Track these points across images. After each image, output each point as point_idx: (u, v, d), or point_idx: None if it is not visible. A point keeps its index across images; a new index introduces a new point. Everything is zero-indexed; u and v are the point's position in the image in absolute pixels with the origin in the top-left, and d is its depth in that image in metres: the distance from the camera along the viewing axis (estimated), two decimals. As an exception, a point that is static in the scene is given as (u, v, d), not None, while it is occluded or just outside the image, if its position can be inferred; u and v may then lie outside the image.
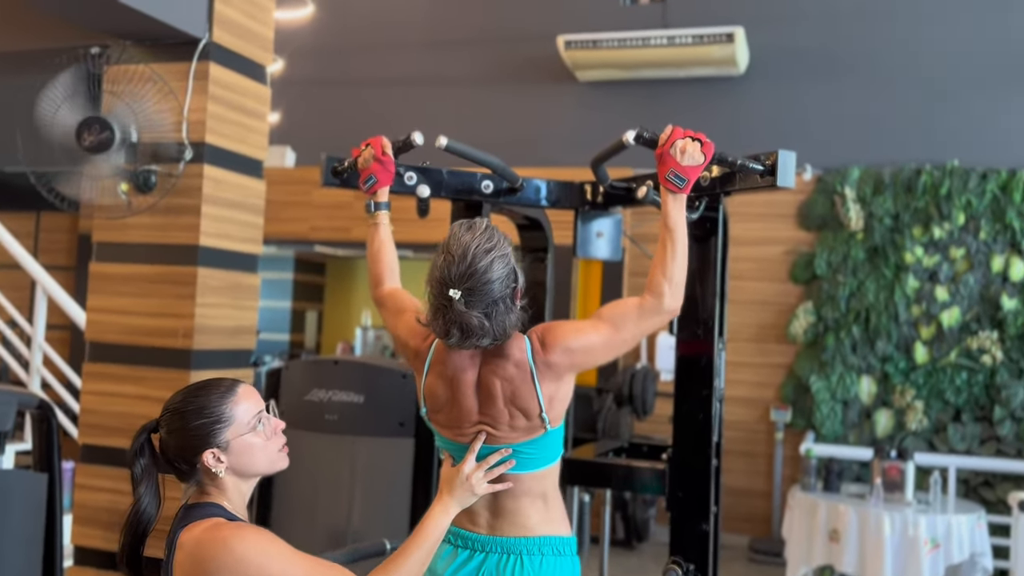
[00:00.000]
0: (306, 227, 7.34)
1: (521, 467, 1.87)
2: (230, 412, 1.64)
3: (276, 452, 1.70)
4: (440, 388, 1.90)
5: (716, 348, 2.37)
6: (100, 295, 3.25)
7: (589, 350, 1.84)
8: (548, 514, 1.90)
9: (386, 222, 2.13)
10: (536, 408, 1.82)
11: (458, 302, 1.73)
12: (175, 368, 3.10)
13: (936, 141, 6.37)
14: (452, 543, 1.93)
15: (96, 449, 3.19)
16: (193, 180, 3.13)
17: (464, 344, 1.78)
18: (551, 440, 1.89)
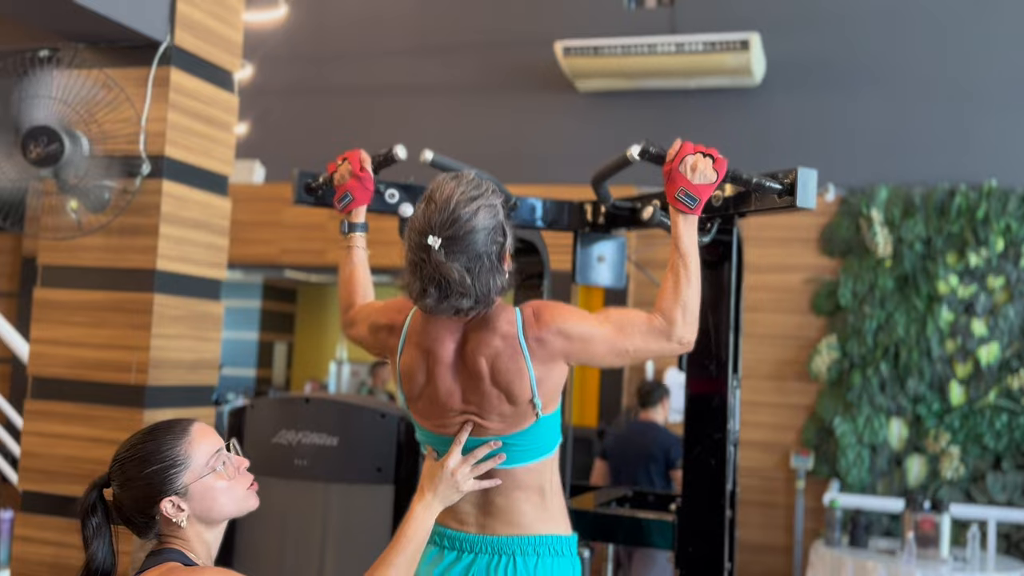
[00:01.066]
0: (276, 250, 7.34)
1: (513, 460, 1.86)
2: (185, 454, 1.65)
3: (243, 492, 1.70)
4: (417, 367, 1.87)
5: (730, 386, 2.38)
6: (45, 324, 3.23)
7: (587, 340, 1.82)
8: (545, 510, 1.89)
9: (362, 245, 2.14)
10: (526, 391, 1.80)
11: (437, 252, 1.72)
12: (127, 406, 3.09)
13: (972, 159, 6.43)
14: (438, 544, 1.93)
15: (38, 496, 3.16)
16: (151, 197, 3.13)
17: (442, 305, 1.75)
18: (545, 429, 1.87)
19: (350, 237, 2.14)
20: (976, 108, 6.48)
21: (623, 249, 2.66)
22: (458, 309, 1.77)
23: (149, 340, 3.10)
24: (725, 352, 2.37)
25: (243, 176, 7.31)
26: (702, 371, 2.39)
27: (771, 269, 6.59)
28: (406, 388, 1.91)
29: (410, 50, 7.66)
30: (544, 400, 1.83)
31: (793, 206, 2.02)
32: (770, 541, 6.27)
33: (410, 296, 1.81)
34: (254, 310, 9.65)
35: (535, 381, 1.80)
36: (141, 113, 3.12)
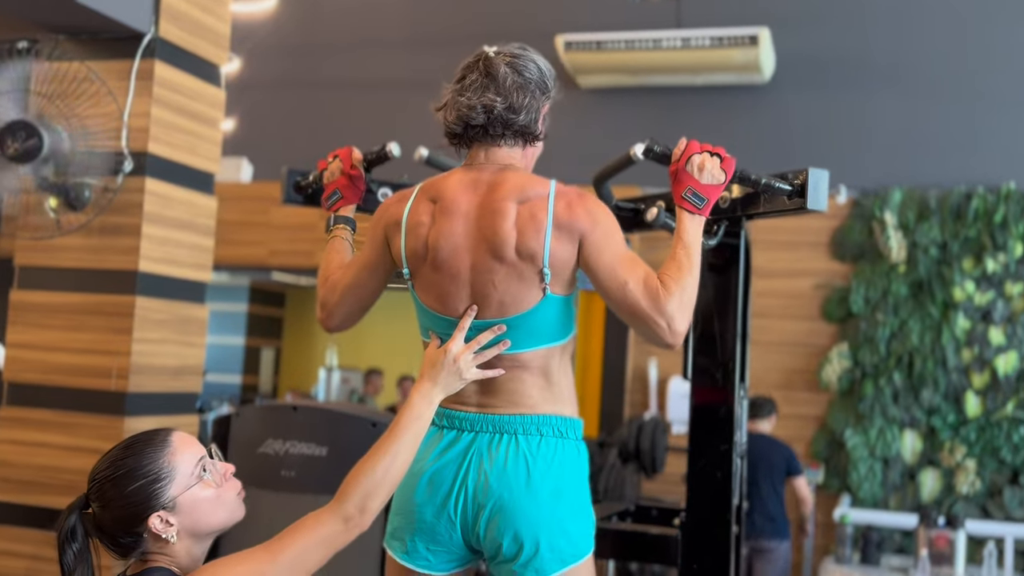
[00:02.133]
0: (264, 251, 7.34)
1: (520, 344, 1.85)
2: (169, 465, 1.63)
3: (232, 499, 1.70)
4: (426, 215, 1.87)
5: (737, 396, 2.38)
6: (22, 328, 3.23)
7: (606, 236, 1.83)
8: (551, 392, 1.89)
9: (347, 237, 2.13)
10: (540, 248, 1.79)
11: (495, 56, 1.88)
12: (107, 414, 3.09)
13: (990, 160, 6.44)
14: (436, 424, 1.92)
15: (14, 508, 3.16)
16: (133, 196, 3.13)
17: (491, 120, 1.84)
18: (553, 310, 1.85)
19: (335, 228, 2.13)
20: (994, 108, 6.49)
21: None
22: (490, 109, 1.85)
23: (131, 345, 3.10)
24: (732, 360, 2.37)
25: (230, 174, 7.31)
26: (708, 380, 2.39)
27: (780, 274, 6.59)
28: (410, 247, 1.88)
29: (405, 43, 7.66)
30: (553, 271, 1.81)
31: (803, 208, 2.02)
32: (778, 558, 6.26)
33: (451, 121, 1.90)
34: (240, 314, 9.64)
35: (549, 241, 1.80)
36: (124, 108, 3.12)
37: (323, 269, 2.08)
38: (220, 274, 8.98)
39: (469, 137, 1.91)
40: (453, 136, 1.93)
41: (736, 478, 2.35)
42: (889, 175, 6.54)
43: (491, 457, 1.85)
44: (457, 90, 1.90)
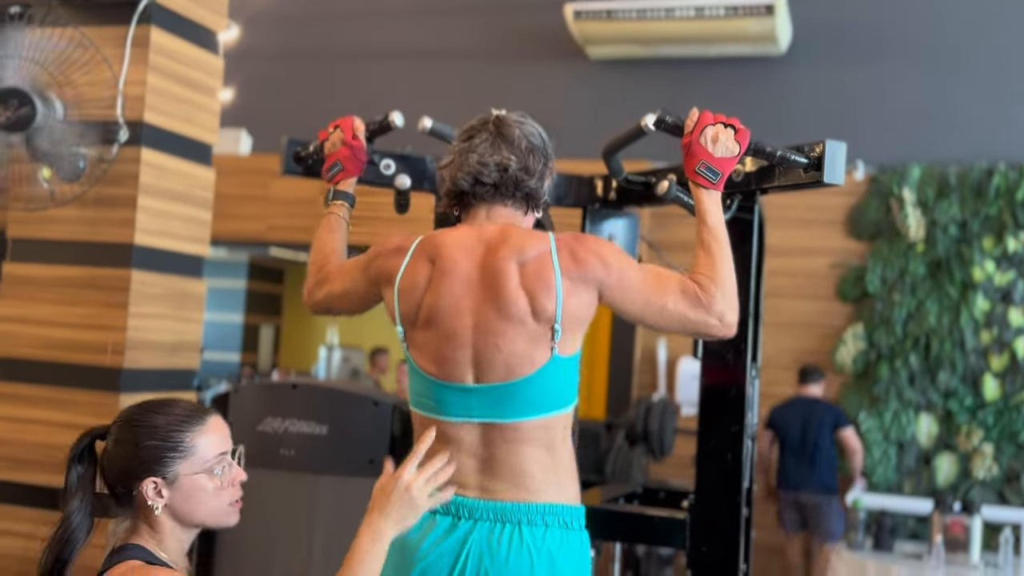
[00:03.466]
0: (262, 226, 7.33)
1: (523, 412, 1.80)
2: (190, 443, 1.65)
3: (226, 506, 1.70)
4: (423, 275, 1.84)
5: (748, 376, 2.37)
6: (14, 301, 3.23)
7: (624, 273, 1.81)
8: (555, 473, 1.83)
9: (344, 215, 2.12)
10: (551, 307, 1.76)
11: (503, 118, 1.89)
12: (102, 390, 3.09)
13: (1012, 136, 6.40)
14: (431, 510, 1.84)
15: (6, 485, 3.17)
16: (128, 166, 3.12)
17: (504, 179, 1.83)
18: (560, 374, 1.81)
19: (332, 204, 2.12)
20: (1016, 82, 6.44)
21: (635, 228, 2.65)
22: (503, 168, 1.84)
23: (126, 320, 3.09)
24: (743, 340, 2.36)
25: (228, 146, 7.30)
26: (718, 360, 2.39)
27: (794, 252, 6.57)
28: (404, 304, 1.85)
29: (409, 12, 7.62)
30: (565, 327, 1.78)
31: (820, 182, 2.01)
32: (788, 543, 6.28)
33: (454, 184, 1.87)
34: (239, 291, 9.65)
35: (561, 296, 1.77)
36: (119, 75, 3.11)
37: (316, 249, 2.08)
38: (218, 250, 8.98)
39: (475, 195, 1.89)
40: (458, 194, 1.90)
41: (747, 460, 2.35)
42: (908, 151, 6.51)
43: (492, 551, 1.78)
44: (466, 148, 1.88)
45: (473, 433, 1.82)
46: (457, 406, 1.82)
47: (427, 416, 1.86)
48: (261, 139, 7.60)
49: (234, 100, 7.06)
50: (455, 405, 1.83)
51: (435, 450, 1.79)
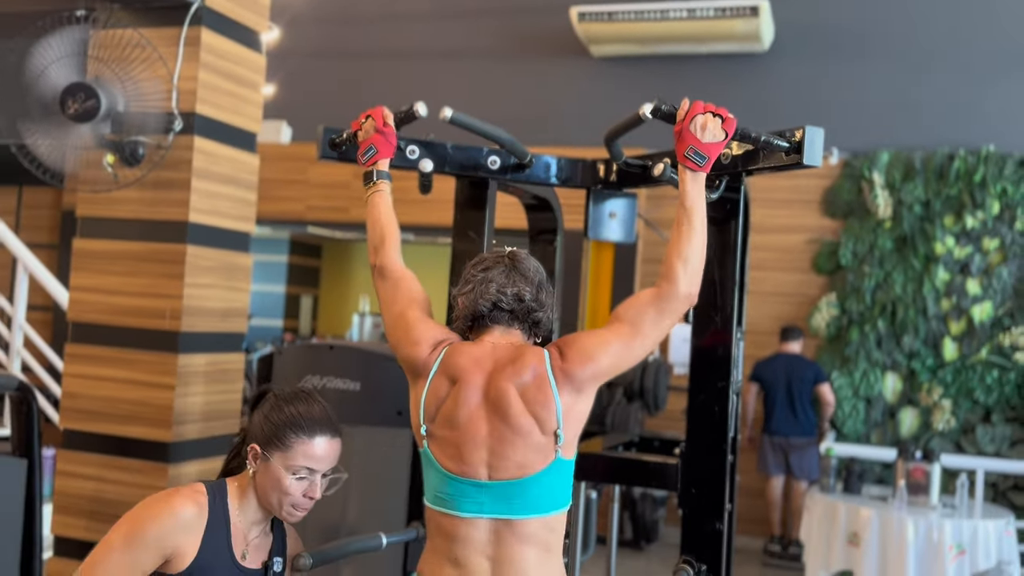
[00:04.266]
0: (302, 207, 7.34)
1: (531, 509, 1.76)
2: (292, 444, 1.73)
3: (288, 506, 1.73)
4: (444, 390, 1.82)
5: (734, 338, 2.36)
6: (84, 273, 3.24)
7: (611, 355, 1.79)
8: (549, 569, 1.78)
9: (387, 191, 2.10)
10: (552, 420, 1.75)
11: (516, 253, 1.88)
12: (162, 351, 3.10)
13: (971, 124, 6.33)
14: None
15: (79, 435, 3.20)
16: (183, 153, 3.12)
17: (520, 307, 1.83)
18: (562, 475, 1.79)
19: (377, 183, 2.10)
20: (977, 76, 6.36)
21: (634, 206, 2.63)
22: (520, 298, 1.83)
23: (182, 289, 3.10)
24: (730, 305, 2.35)
25: (271, 136, 7.29)
26: (708, 323, 2.38)
27: (775, 230, 6.54)
28: (428, 410, 1.82)
29: (433, 15, 7.57)
30: (567, 435, 1.77)
31: (800, 164, 1.99)
32: (767, 487, 6.28)
33: (472, 308, 1.84)
34: (281, 264, 9.67)
35: (561, 411, 1.76)
36: (173, 71, 3.10)
37: (373, 221, 2.05)
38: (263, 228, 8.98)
39: (491, 319, 1.86)
40: (476, 317, 1.87)
41: (733, 412, 2.35)
42: (878, 138, 6.45)
43: None
44: (484, 278, 1.86)
45: (484, 530, 1.77)
46: (470, 501, 1.77)
47: (441, 511, 1.81)
48: (300, 129, 7.58)
49: (275, 94, 7.03)
50: (468, 500, 1.77)
51: (445, 547, 1.78)
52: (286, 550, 1.85)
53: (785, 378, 6.03)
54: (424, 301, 1.95)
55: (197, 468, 3.17)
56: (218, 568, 1.70)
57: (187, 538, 1.66)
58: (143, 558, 1.63)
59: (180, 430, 3.10)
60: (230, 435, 3.31)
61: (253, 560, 1.77)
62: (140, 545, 1.63)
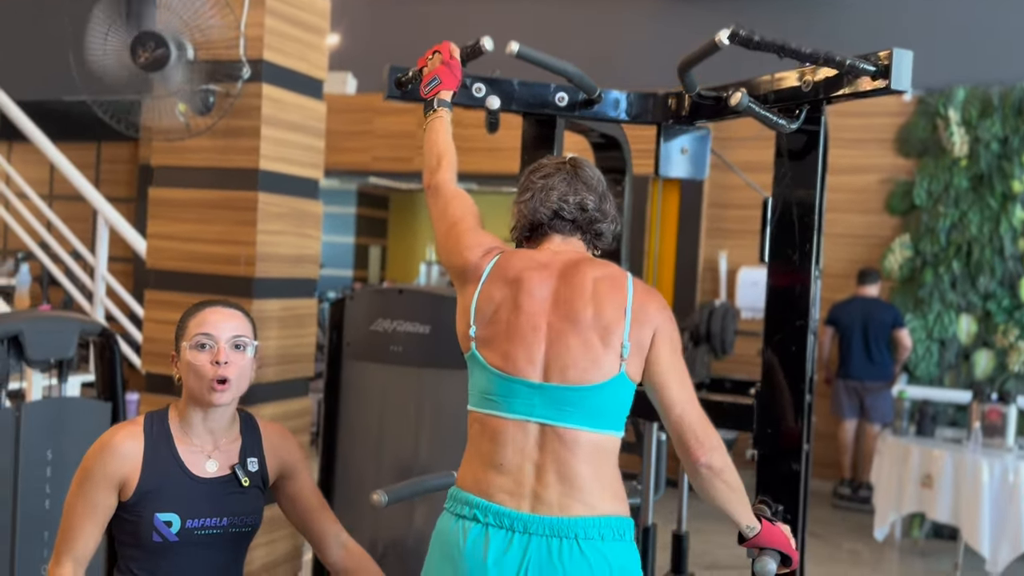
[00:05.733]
0: (367, 157, 7.31)
1: (584, 420, 1.60)
2: (187, 323, 1.75)
3: (206, 382, 1.69)
4: (499, 293, 1.67)
5: (812, 276, 2.24)
6: (160, 221, 3.26)
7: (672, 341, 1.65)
8: (606, 487, 1.62)
9: (447, 119, 2.01)
10: (620, 333, 1.60)
11: (579, 160, 1.75)
12: (237, 296, 3.11)
13: (1054, 56, 5.97)
14: (481, 521, 1.62)
15: (160, 378, 3.24)
16: (251, 100, 3.09)
17: (582, 215, 1.72)
18: (623, 395, 1.63)
19: (437, 111, 1.99)
20: (1062, 4, 5.98)
21: (706, 142, 2.51)
22: (583, 207, 1.72)
23: (255, 235, 3.10)
24: (808, 242, 2.23)
25: (336, 87, 7.24)
26: (785, 261, 2.26)
27: (847, 170, 6.29)
28: (480, 313, 1.68)
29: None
30: (632, 347, 1.61)
31: (887, 89, 1.85)
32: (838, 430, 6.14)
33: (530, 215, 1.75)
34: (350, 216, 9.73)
35: (630, 319, 1.61)
36: (240, 19, 3.05)
37: (430, 144, 1.95)
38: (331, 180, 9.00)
39: (551, 227, 1.75)
40: (536, 226, 1.75)
41: (810, 352, 2.24)
42: (953, 73, 6.12)
43: (552, 566, 1.56)
44: (544, 185, 1.74)
45: (531, 434, 1.61)
46: (521, 403, 1.62)
47: (486, 413, 1.65)
48: (365, 80, 7.52)
49: (340, 45, 6.98)
50: (519, 401, 1.62)
51: (490, 451, 1.64)
52: (261, 449, 1.81)
53: (862, 321, 5.87)
54: (476, 216, 1.84)
55: (274, 410, 3.19)
56: (170, 484, 1.69)
57: (126, 464, 1.67)
58: (97, 496, 1.67)
59: (256, 373, 3.10)
60: (305, 378, 3.32)
61: (223, 467, 1.75)
62: (89, 485, 1.67)
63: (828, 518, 5.70)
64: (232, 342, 1.73)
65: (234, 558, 1.78)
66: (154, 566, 1.68)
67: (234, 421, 1.80)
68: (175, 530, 1.67)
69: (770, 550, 1.78)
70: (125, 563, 1.71)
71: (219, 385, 1.69)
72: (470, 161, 2.40)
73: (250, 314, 1.82)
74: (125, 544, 1.70)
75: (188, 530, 1.68)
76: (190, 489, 1.70)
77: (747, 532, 1.76)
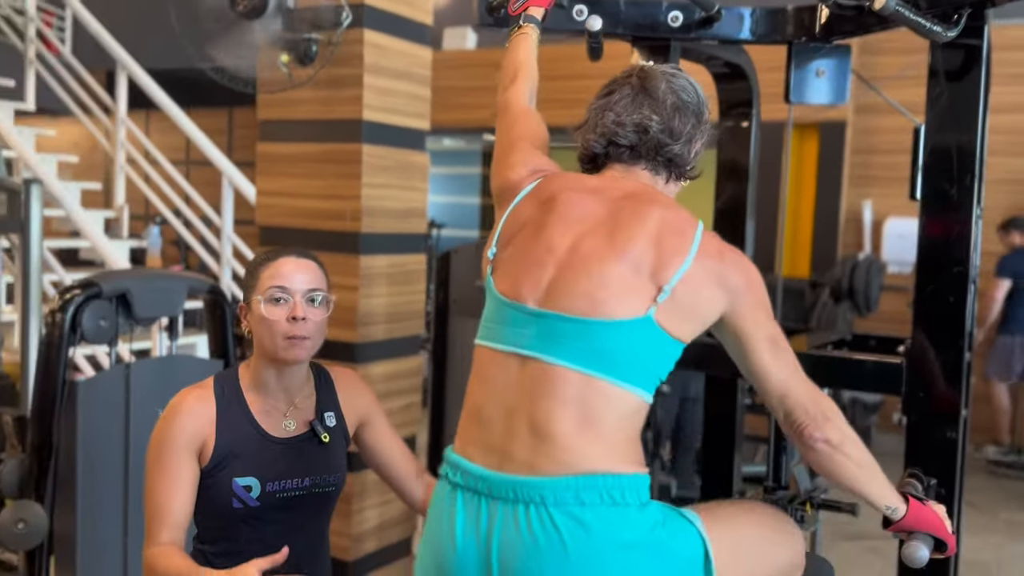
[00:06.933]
0: (488, 113, 7.13)
1: (588, 360, 1.25)
2: (259, 274, 1.61)
3: (280, 336, 1.57)
4: (529, 211, 1.39)
5: (973, 215, 1.91)
6: (268, 177, 3.19)
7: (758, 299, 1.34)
8: (597, 439, 1.24)
9: (534, 36, 1.77)
10: (671, 267, 1.27)
11: (649, 69, 1.45)
12: (345, 252, 3.01)
13: None
14: (451, 481, 1.30)
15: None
16: (353, 47, 2.94)
17: (642, 141, 1.40)
18: (647, 344, 1.26)
19: (522, 27, 1.76)
20: None
21: (846, 62, 2.17)
22: (644, 128, 1.39)
23: (360, 189, 2.97)
24: (968, 174, 1.89)
25: (456, 43, 7.09)
26: (941, 198, 1.92)
27: (1005, 109, 5.63)
28: (505, 232, 1.41)
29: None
30: (673, 297, 1.26)
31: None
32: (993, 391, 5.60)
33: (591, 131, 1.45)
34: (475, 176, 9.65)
35: (688, 265, 1.28)
36: (339, -39, 2.90)
37: (509, 63, 1.74)
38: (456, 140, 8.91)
39: (609, 157, 1.44)
40: (590, 159, 1.47)
41: (970, 304, 1.91)
42: None
43: (521, 544, 1.20)
44: (603, 105, 1.44)
45: (513, 371, 1.28)
46: (512, 332, 1.31)
47: (479, 344, 1.36)
48: (485, 35, 7.34)
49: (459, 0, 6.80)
50: (510, 331, 1.31)
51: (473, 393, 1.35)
52: (337, 401, 1.69)
53: None
54: (541, 140, 1.58)
55: (384, 369, 3.08)
56: (246, 447, 1.57)
57: (201, 424, 1.56)
58: (179, 464, 1.54)
59: (366, 331, 3.00)
60: (415, 336, 3.20)
61: (301, 425, 1.63)
62: (168, 454, 1.55)
63: (983, 486, 5.22)
64: (307, 296, 1.60)
65: (318, 520, 1.66)
66: (236, 534, 1.57)
67: (308, 376, 1.68)
68: (255, 495, 1.56)
69: (921, 534, 1.49)
70: (207, 534, 1.61)
71: (296, 341, 1.56)
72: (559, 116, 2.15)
73: (323, 264, 1.68)
74: (205, 514, 1.60)
75: (269, 494, 1.57)
76: (268, 450, 1.59)
77: (889, 514, 1.47)
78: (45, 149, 5.99)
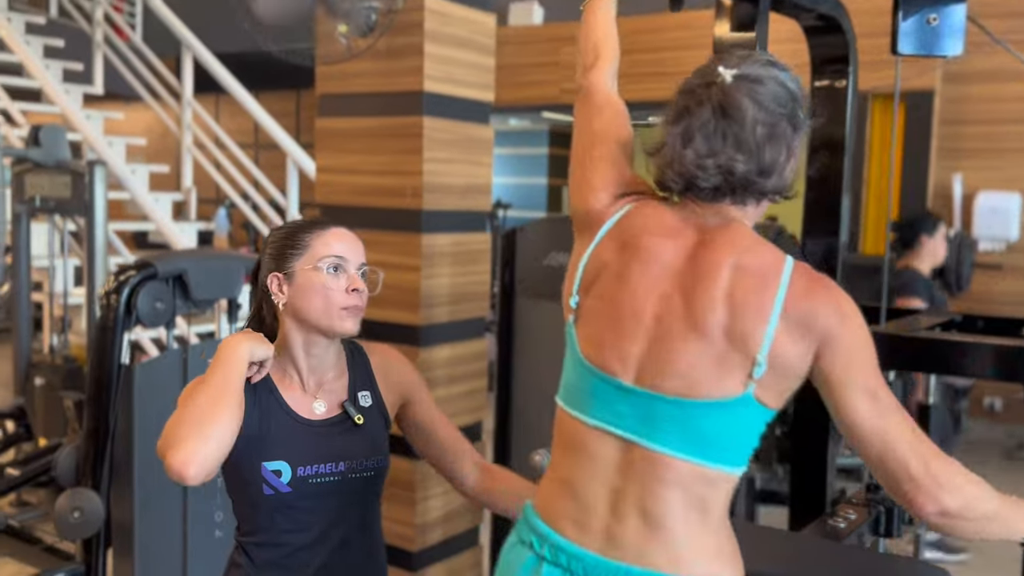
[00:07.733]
0: (555, 90, 6.93)
1: (685, 445, 1.17)
2: (308, 242, 1.48)
3: (337, 307, 1.45)
4: (610, 254, 1.27)
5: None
6: (327, 153, 3.05)
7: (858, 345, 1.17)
8: (710, 537, 1.19)
9: (611, 3, 1.58)
10: (757, 333, 1.15)
11: (733, 84, 1.20)
12: (406, 231, 2.86)
13: None
14: (537, 552, 1.24)
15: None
16: (413, 15, 2.78)
17: (728, 182, 1.20)
18: (750, 421, 1.18)
19: None
20: None
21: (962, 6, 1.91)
22: (730, 170, 1.20)
23: (421, 165, 2.81)
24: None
25: (522, 18, 6.89)
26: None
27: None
28: (587, 273, 1.29)
29: None
30: (770, 367, 1.15)
31: None
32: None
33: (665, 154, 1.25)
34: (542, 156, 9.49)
35: (774, 329, 1.15)
36: (397, -76, 2.74)
37: (587, 36, 1.54)
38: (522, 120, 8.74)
39: (689, 191, 1.26)
40: (665, 190, 1.30)
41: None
42: None
43: None
44: (681, 133, 1.23)
45: (612, 450, 1.21)
46: (604, 408, 1.22)
47: (565, 411, 1.28)
48: (552, 9, 7.13)
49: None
50: (601, 405, 1.22)
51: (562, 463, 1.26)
52: (373, 380, 1.56)
53: None
54: (623, 140, 1.39)
55: (448, 352, 2.93)
56: (275, 429, 1.45)
57: None
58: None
59: (428, 313, 2.85)
60: (480, 318, 3.04)
61: (332, 407, 1.51)
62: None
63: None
64: (360, 269, 1.52)
65: (363, 508, 1.52)
66: (270, 523, 1.45)
67: (340, 354, 1.55)
68: (286, 480, 1.43)
69: None
70: (246, 525, 1.49)
71: (352, 311, 1.48)
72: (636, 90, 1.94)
73: None
74: (239, 504, 1.49)
75: (301, 479, 1.44)
76: (298, 433, 1.46)
77: None
78: (113, 132, 6.00)
